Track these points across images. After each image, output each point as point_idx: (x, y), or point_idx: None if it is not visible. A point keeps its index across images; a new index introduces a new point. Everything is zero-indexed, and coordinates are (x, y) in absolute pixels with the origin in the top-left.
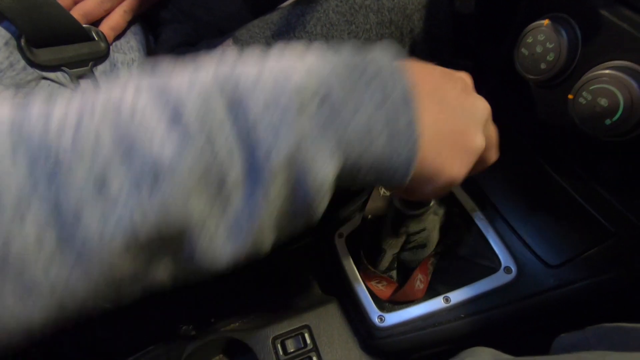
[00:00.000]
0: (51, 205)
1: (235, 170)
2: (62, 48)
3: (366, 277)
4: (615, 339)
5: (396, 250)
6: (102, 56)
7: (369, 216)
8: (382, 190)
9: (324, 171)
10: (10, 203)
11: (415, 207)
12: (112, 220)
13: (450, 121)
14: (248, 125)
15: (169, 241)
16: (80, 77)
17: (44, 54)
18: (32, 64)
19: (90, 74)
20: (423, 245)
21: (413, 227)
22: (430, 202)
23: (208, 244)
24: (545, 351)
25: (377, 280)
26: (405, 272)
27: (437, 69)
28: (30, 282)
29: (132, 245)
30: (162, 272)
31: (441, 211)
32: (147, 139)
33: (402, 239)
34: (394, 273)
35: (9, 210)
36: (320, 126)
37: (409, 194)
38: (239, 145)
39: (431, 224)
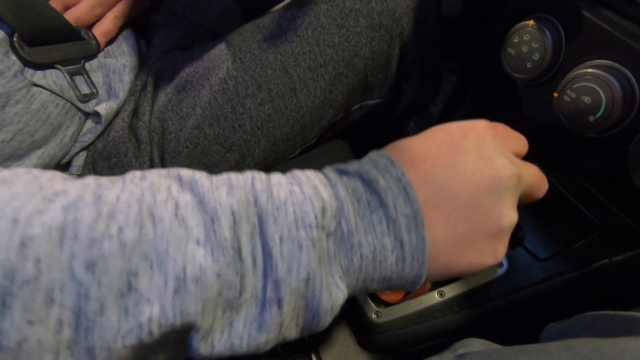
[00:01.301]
0: (81, 296)
1: (250, 288)
2: (54, 47)
3: None
4: (600, 326)
5: None
6: (93, 54)
7: None
8: None
9: (335, 295)
10: (45, 286)
11: None
12: (131, 319)
13: (464, 219)
14: (269, 249)
15: (174, 342)
16: (74, 74)
17: (37, 53)
18: (25, 62)
19: (83, 70)
20: None
21: None
22: None
23: (205, 349)
24: (535, 340)
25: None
26: None
27: (442, 143)
28: None
29: (144, 342)
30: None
31: None
32: (183, 242)
33: None
34: None
35: (42, 295)
36: (332, 255)
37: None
38: (260, 267)
39: None
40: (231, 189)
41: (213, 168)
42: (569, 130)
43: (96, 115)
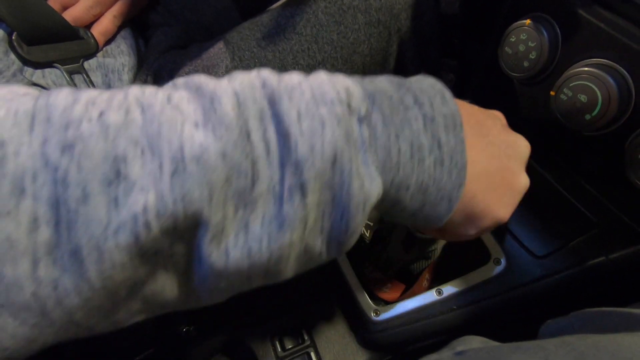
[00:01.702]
0: (58, 185)
1: (266, 176)
2: (53, 46)
3: (374, 286)
4: (597, 322)
5: (406, 262)
6: (92, 53)
7: (372, 224)
8: None
9: (368, 185)
10: (12, 175)
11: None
12: (125, 206)
13: (496, 158)
14: (285, 127)
15: (179, 242)
16: (72, 73)
17: (36, 52)
18: (25, 61)
19: (81, 69)
20: (431, 255)
21: (425, 247)
22: None
23: (224, 254)
24: (533, 337)
25: (382, 284)
26: (407, 271)
27: (475, 106)
28: (8, 284)
29: (141, 239)
30: (163, 285)
31: None
32: (178, 122)
33: (413, 255)
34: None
35: (7, 185)
36: (366, 141)
37: (445, 234)
38: (276, 152)
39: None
40: (232, 77)
41: None
42: (565, 128)
43: None
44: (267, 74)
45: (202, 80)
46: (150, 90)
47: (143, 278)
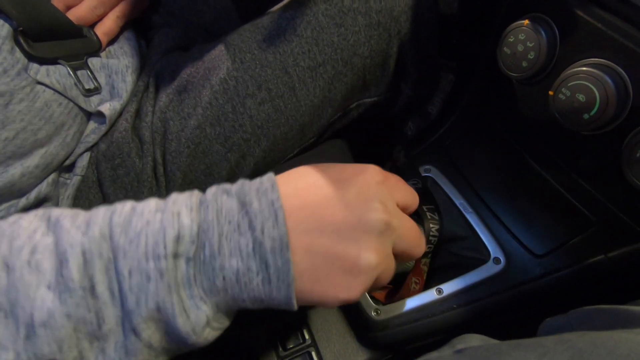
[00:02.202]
0: None
1: (114, 317)
2: (57, 43)
3: None
4: (595, 320)
5: None
6: (95, 50)
7: None
8: None
9: (194, 316)
10: None
11: None
12: None
13: (324, 249)
14: (120, 282)
15: None
16: (76, 69)
17: (41, 48)
18: (30, 57)
19: (85, 66)
20: (409, 265)
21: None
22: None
23: None
24: (533, 335)
25: None
26: (396, 275)
27: (331, 177)
28: None
29: None
30: None
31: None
32: (33, 287)
33: None
34: None
35: None
36: (192, 279)
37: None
38: (117, 299)
39: None
40: (88, 227)
41: (214, 168)
42: (564, 128)
43: (99, 115)
44: (117, 219)
45: (64, 227)
46: (17, 244)
47: None
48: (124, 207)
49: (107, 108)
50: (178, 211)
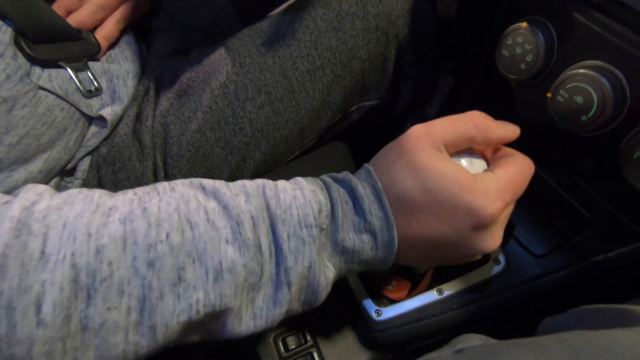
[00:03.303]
0: (144, 288)
1: (267, 274)
2: (57, 45)
3: (377, 284)
4: (593, 319)
5: None
6: (95, 53)
7: None
8: None
9: (328, 277)
10: (117, 282)
11: None
12: (182, 304)
13: (426, 240)
14: (280, 244)
15: (212, 320)
16: (78, 70)
17: (42, 50)
18: (32, 59)
19: (86, 67)
20: None
21: None
22: None
23: (237, 325)
24: (532, 334)
25: (386, 282)
26: (408, 269)
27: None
28: (110, 345)
29: (192, 320)
30: (195, 338)
31: None
32: (216, 241)
33: None
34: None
35: (115, 288)
36: (326, 248)
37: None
38: (274, 258)
39: None
40: (248, 197)
41: (214, 171)
42: (562, 130)
43: (100, 119)
44: (269, 192)
45: (227, 194)
46: (193, 206)
47: (187, 338)
48: (269, 183)
49: (108, 112)
50: (314, 189)
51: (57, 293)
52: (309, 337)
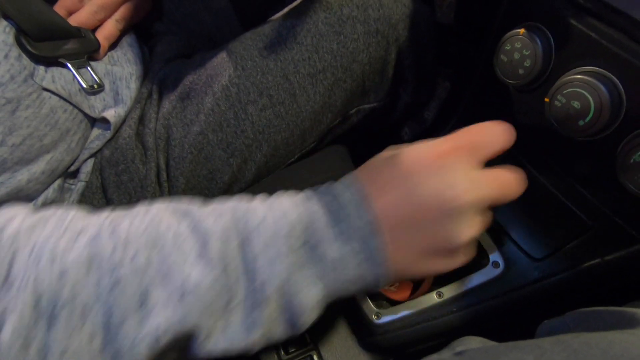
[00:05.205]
0: (107, 312)
1: (239, 295)
2: (57, 42)
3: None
4: (591, 322)
5: None
6: (95, 49)
7: None
8: None
9: (309, 296)
10: (79, 306)
11: None
12: (145, 327)
13: (416, 235)
14: (252, 261)
15: (182, 342)
16: (79, 67)
17: (44, 47)
18: (35, 57)
19: (87, 64)
20: None
21: None
22: None
23: (212, 346)
24: (531, 337)
25: (390, 284)
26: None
27: (422, 157)
28: None
29: (160, 343)
30: (173, 356)
31: None
32: (182, 263)
33: None
34: None
35: (77, 313)
36: (304, 262)
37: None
38: (244, 276)
39: None
40: (218, 216)
41: (216, 173)
42: (559, 134)
43: (104, 121)
44: (239, 213)
45: (197, 215)
46: (162, 229)
47: (163, 357)
48: (241, 201)
49: (111, 114)
50: (292, 203)
51: (17, 320)
52: (308, 340)
